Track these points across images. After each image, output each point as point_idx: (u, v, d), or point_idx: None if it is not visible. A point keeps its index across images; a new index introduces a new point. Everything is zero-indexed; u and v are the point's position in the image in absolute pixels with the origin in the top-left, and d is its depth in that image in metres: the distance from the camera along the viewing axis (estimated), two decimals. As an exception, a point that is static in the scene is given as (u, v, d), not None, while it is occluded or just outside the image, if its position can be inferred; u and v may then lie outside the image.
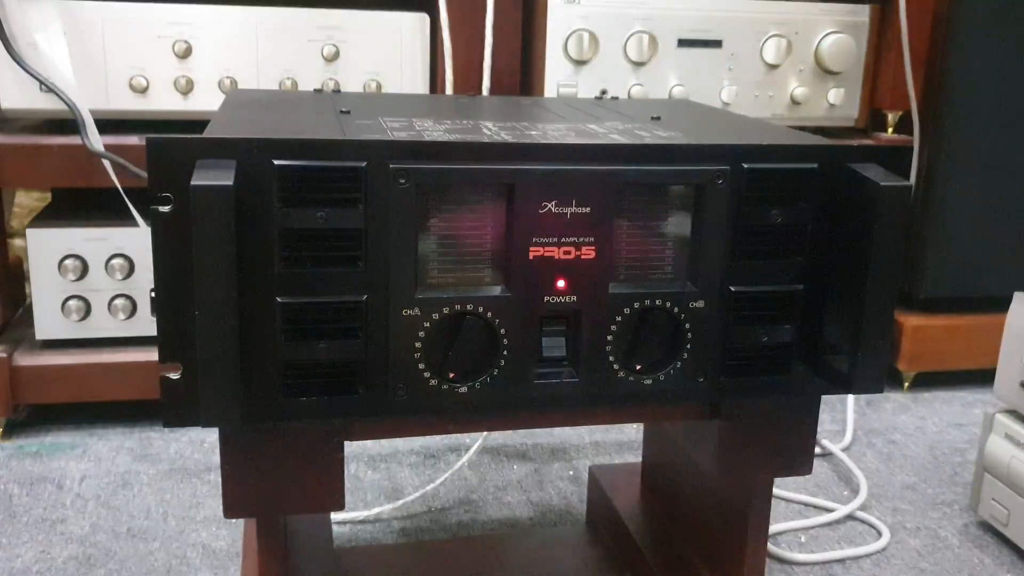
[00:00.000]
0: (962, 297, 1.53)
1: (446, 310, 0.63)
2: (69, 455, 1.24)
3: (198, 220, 0.55)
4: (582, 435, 1.35)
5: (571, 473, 1.24)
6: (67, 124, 1.19)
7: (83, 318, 1.25)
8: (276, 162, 0.58)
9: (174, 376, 0.60)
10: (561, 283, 0.64)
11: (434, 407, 0.65)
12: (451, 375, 0.64)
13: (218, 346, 0.56)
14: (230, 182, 0.55)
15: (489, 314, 0.63)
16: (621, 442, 1.34)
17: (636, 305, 0.66)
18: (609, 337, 0.66)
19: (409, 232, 0.61)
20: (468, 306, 0.63)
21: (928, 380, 1.55)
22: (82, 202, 1.36)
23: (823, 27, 1.39)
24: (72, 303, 1.24)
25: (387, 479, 1.21)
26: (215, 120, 0.69)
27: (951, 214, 1.47)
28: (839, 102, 1.42)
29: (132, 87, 1.20)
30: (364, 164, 0.60)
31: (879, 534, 1.11)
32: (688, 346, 0.67)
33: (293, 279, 0.60)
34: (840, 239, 0.67)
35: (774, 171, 0.65)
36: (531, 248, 0.63)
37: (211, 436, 1.29)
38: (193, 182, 0.54)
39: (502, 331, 0.64)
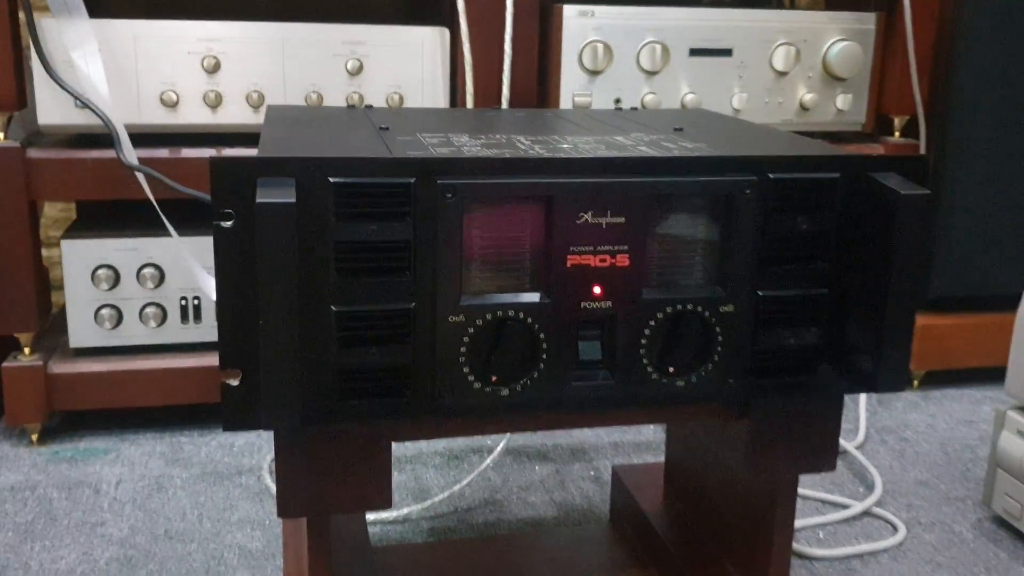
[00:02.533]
0: (969, 296, 1.56)
1: (489, 316, 0.66)
2: (103, 460, 1.27)
3: (263, 235, 0.58)
4: (601, 436, 1.39)
5: (592, 473, 1.28)
6: (101, 138, 1.22)
7: (115, 326, 1.29)
8: (332, 179, 0.62)
9: (234, 382, 0.64)
10: (597, 290, 0.68)
11: (477, 409, 0.68)
12: (493, 378, 0.68)
13: (280, 353, 0.60)
14: (293, 199, 0.58)
15: (529, 320, 0.67)
16: (639, 442, 1.37)
17: (668, 310, 0.69)
18: (643, 341, 0.69)
19: (454, 243, 0.65)
20: (509, 312, 0.66)
21: (937, 378, 1.58)
22: (107, 213, 1.40)
23: (830, 35, 1.43)
24: (105, 312, 1.28)
25: (413, 480, 1.24)
26: (265, 138, 0.72)
27: (958, 215, 1.50)
28: (847, 108, 1.45)
29: (163, 101, 1.23)
30: (413, 180, 0.63)
31: (895, 529, 1.14)
32: (719, 349, 0.70)
33: (347, 289, 0.64)
34: (862, 244, 0.70)
35: (799, 181, 0.69)
36: (569, 257, 0.67)
37: (240, 440, 1.33)
38: (258, 199, 0.58)
39: (541, 336, 0.67)
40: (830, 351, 0.73)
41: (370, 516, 1.14)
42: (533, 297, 0.67)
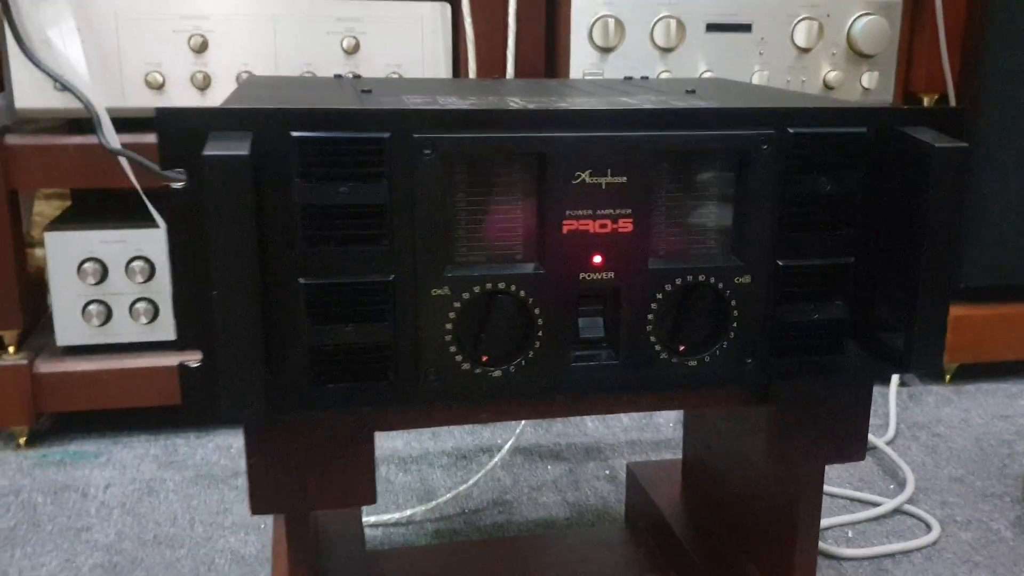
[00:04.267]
0: (1004, 285, 1.48)
1: (477, 289, 0.59)
2: (93, 463, 1.21)
3: (212, 193, 0.51)
4: (616, 434, 1.31)
5: (607, 472, 1.21)
6: (84, 123, 1.16)
7: (104, 323, 1.23)
8: (294, 134, 0.55)
9: (194, 364, 0.57)
10: (597, 259, 0.61)
11: (467, 393, 0.61)
12: (484, 358, 0.61)
13: (238, 330, 0.53)
14: (246, 152, 0.52)
15: (522, 292, 0.60)
16: (658, 441, 1.30)
17: (678, 281, 0.62)
18: (650, 316, 0.62)
19: (436, 207, 0.58)
20: (500, 284, 0.60)
21: (970, 372, 1.50)
22: (102, 205, 1.34)
23: (855, 8, 1.35)
24: (92, 308, 1.22)
25: (419, 481, 1.17)
26: (230, 97, 0.66)
27: (992, 199, 1.42)
28: (873, 86, 1.38)
29: (148, 83, 1.17)
30: (387, 135, 0.56)
31: (928, 528, 1.06)
32: (734, 325, 0.63)
33: (316, 259, 0.57)
34: (892, 208, 0.63)
35: (822, 135, 0.62)
36: (565, 222, 0.60)
37: (238, 441, 1.26)
38: (206, 152, 0.51)
39: (536, 311, 0.61)
40: (858, 327, 0.65)
41: (371, 518, 1.07)
42: (526, 267, 0.61)
